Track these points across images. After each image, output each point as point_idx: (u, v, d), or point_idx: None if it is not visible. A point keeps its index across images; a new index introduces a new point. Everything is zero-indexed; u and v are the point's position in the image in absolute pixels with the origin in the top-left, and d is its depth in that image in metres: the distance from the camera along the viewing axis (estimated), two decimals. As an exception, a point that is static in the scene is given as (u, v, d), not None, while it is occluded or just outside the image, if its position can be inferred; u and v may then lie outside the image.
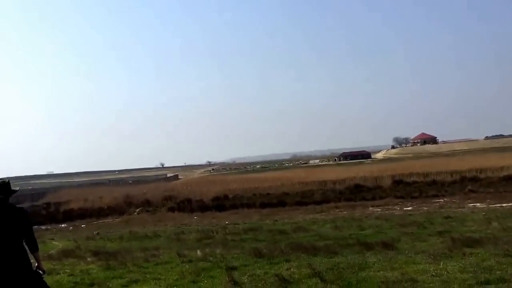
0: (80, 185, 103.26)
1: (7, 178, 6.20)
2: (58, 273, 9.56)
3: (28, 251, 5.14)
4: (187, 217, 37.27)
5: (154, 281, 7.93)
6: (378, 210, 31.76)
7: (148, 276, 8.36)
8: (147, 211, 45.46)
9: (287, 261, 8.89)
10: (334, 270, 7.81)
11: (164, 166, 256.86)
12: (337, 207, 36.44)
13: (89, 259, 11.53)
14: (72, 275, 9.00)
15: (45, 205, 62.07)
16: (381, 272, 7.63)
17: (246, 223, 26.93)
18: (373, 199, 40.43)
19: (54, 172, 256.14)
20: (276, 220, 27.02)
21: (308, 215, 31.62)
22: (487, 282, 6.65)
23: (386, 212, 29.47)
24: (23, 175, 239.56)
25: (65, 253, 13.42)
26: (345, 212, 31.79)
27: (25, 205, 64.89)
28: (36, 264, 5.20)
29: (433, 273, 7.34)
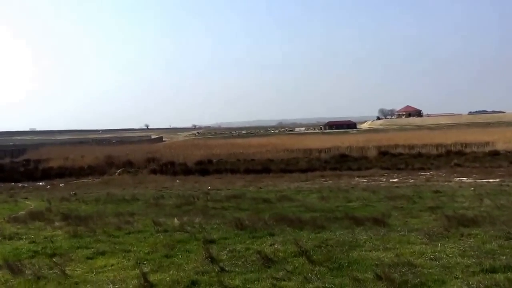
0: (63, 143, 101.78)
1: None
2: (20, 239, 8.75)
3: None
4: (169, 180, 36.46)
5: (123, 253, 7.16)
6: (364, 180, 31.25)
7: (117, 247, 7.58)
8: (129, 172, 44.56)
9: (271, 235, 8.16)
10: (323, 248, 7.09)
11: (149, 127, 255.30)
12: (322, 176, 35.86)
13: (57, 223, 10.71)
14: (34, 242, 8.20)
15: (24, 162, 60.91)
16: (374, 252, 6.93)
17: (229, 189, 26.25)
18: (359, 169, 39.95)
19: (37, 129, 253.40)
20: (260, 188, 26.33)
21: (293, 183, 31.00)
22: (493, 270, 5.97)
23: (372, 183, 28.92)
24: (5, 130, 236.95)
25: (33, 215, 12.57)
26: (330, 182, 31.21)
27: (5, 161, 63.94)
28: None
29: (431, 256, 6.65)
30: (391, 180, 30.79)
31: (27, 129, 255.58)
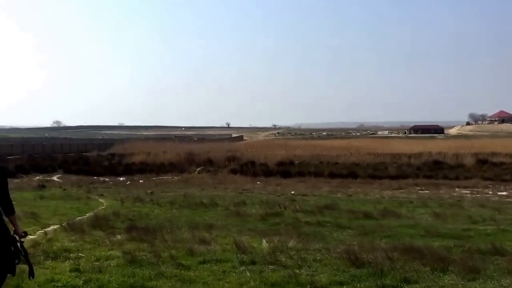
0: (147, 139, 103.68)
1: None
2: (66, 259, 6.77)
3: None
4: (249, 181, 34.39)
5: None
6: (467, 192, 27.69)
7: (185, 288, 5.30)
8: (208, 171, 43.01)
9: (406, 281, 5.60)
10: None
11: (230, 126, 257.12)
12: (416, 184, 32.43)
13: (119, 236, 8.73)
14: (78, 269, 6.13)
15: (109, 156, 61.91)
16: None
17: (315, 195, 23.81)
18: (457, 178, 35.95)
19: (125, 124, 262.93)
20: (350, 196, 23.65)
21: (384, 191, 28.07)
22: None
23: (478, 196, 25.45)
24: (96, 124, 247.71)
25: (97, 221, 10.77)
26: (427, 192, 27.94)
27: (92, 154, 65.34)
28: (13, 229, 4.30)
29: None
30: (499, 193, 27.02)
31: (115, 123, 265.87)
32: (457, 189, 29.50)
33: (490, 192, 27.79)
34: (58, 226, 10.53)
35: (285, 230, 9.89)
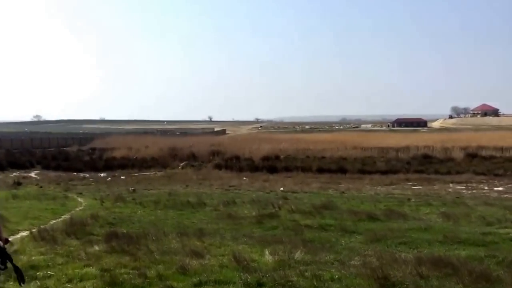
0: (128, 133, 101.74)
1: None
2: (32, 279, 5.52)
3: None
4: (235, 177, 33.15)
5: None
6: (462, 188, 26.93)
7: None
8: (192, 166, 41.71)
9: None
10: None
11: (212, 120, 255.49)
12: (407, 180, 31.51)
13: (96, 247, 7.50)
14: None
15: (90, 151, 60.38)
16: None
17: (306, 192, 22.76)
18: (448, 173, 35.08)
19: (106, 119, 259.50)
20: (344, 192, 22.64)
21: (376, 187, 27.20)
22: None
23: (474, 191, 24.64)
24: (77, 118, 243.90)
25: (72, 227, 9.47)
26: (421, 187, 27.13)
27: (72, 148, 63.74)
28: None
29: None
30: (495, 189, 26.24)
31: (97, 118, 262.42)
32: (451, 185, 28.69)
33: (486, 188, 27.00)
34: (27, 232, 9.23)
35: (285, 236, 8.75)
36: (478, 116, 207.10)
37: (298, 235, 9.00)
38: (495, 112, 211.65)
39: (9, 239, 4.13)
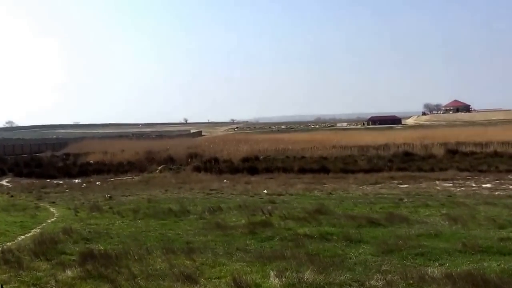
0: (103, 137, 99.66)
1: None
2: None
3: None
4: (215, 179, 32.06)
5: None
6: (449, 185, 26.27)
7: None
8: (170, 169, 40.42)
9: None
10: None
11: (187, 121, 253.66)
12: (392, 178, 30.79)
13: (69, 272, 6.36)
14: None
15: (64, 156, 58.58)
16: None
17: (292, 195, 21.83)
18: (432, 170, 34.54)
19: (80, 123, 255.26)
20: (331, 193, 21.78)
21: (362, 186, 26.46)
22: None
23: (463, 189, 24.07)
24: (50, 123, 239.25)
25: (41, 246, 8.28)
26: (407, 186, 26.45)
27: (46, 154, 61.80)
28: None
29: None
30: (483, 185, 25.65)
31: (70, 122, 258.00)
32: (437, 182, 28.08)
33: (474, 185, 26.40)
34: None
35: (284, 249, 7.72)
36: (451, 112, 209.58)
37: (300, 248, 8.00)
38: (466, 108, 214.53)
39: None
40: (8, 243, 8.85)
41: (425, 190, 23.63)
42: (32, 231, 10.96)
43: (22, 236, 10.10)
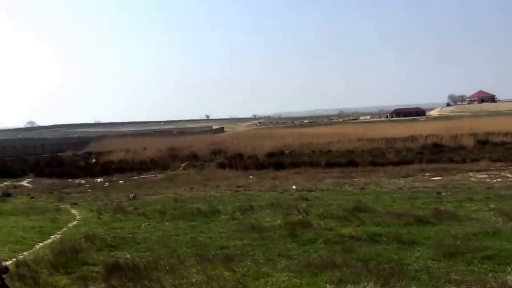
0: (125, 135, 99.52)
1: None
2: None
3: None
4: (241, 176, 31.22)
5: None
6: (484, 176, 25.17)
7: None
8: (194, 166, 39.77)
9: None
10: None
11: (209, 118, 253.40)
12: (423, 170, 29.71)
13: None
14: None
15: (86, 155, 58.29)
16: None
17: (323, 190, 20.89)
18: (463, 161, 33.34)
19: (101, 121, 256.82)
20: (363, 188, 20.80)
21: (394, 180, 25.47)
22: None
23: (500, 180, 22.97)
24: (72, 123, 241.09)
25: (61, 257, 7.48)
26: (442, 178, 25.31)
27: (67, 153, 61.64)
28: None
29: None
30: (519, 177, 24.46)
31: (91, 121, 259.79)
32: (471, 174, 26.96)
33: (510, 175, 25.25)
34: (11, 265, 7.30)
35: (331, 253, 6.83)
36: (475, 103, 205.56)
37: (349, 252, 7.12)
38: (491, 99, 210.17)
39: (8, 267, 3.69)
40: (24, 253, 8.13)
41: (461, 182, 22.59)
42: (51, 237, 10.25)
43: (41, 244, 9.38)
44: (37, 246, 8.96)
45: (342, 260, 6.45)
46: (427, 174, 28.02)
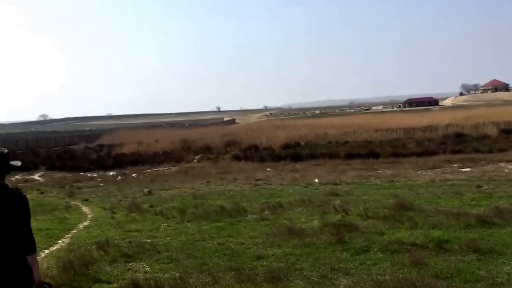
0: (136, 127, 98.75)
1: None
2: None
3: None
4: (258, 168, 29.94)
5: None
6: (515, 167, 23.67)
7: None
8: (208, 158, 38.51)
9: None
10: None
11: (220, 110, 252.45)
12: (449, 161, 28.23)
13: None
14: None
15: (98, 147, 57.49)
16: None
17: (349, 183, 19.53)
18: (490, 151, 31.86)
19: (113, 114, 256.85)
20: (392, 181, 19.44)
21: (421, 172, 24.07)
22: None
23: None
24: (84, 116, 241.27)
25: (69, 270, 6.22)
26: (470, 169, 23.89)
27: (79, 146, 60.83)
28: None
29: None
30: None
31: (103, 114, 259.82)
32: (502, 164, 25.49)
33: (545, 166, 23.77)
34: None
35: (395, 267, 5.50)
36: (489, 92, 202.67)
37: (419, 267, 5.79)
38: (505, 87, 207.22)
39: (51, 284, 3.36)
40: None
41: (495, 174, 21.12)
42: (59, 242, 9.02)
43: (46, 251, 8.13)
44: (42, 255, 7.69)
45: (417, 279, 5.13)
46: (455, 165, 26.56)
